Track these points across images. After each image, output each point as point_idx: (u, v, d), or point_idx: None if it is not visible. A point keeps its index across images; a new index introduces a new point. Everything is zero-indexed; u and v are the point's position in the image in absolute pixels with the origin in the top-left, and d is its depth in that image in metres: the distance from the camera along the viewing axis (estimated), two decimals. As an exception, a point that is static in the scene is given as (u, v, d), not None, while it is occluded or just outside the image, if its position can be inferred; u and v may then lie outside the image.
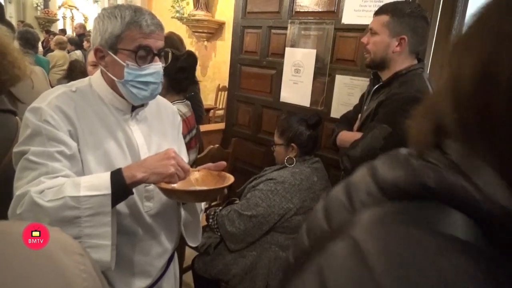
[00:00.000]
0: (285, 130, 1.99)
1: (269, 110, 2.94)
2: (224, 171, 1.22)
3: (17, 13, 9.95)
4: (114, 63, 1.09)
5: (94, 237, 0.95)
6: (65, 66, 5.27)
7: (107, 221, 0.96)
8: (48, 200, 0.93)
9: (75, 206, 0.93)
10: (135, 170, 1.01)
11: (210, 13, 6.25)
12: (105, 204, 0.96)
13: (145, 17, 1.07)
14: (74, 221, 0.93)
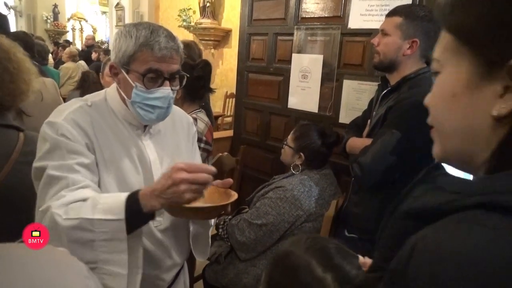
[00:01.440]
0: (301, 137, 1.97)
1: (277, 116, 2.93)
2: (231, 188, 1.21)
3: (27, 27, 10.13)
4: (125, 81, 1.09)
5: (110, 264, 0.92)
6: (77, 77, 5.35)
7: (123, 248, 0.93)
8: (65, 218, 0.92)
9: (90, 229, 0.91)
10: (152, 200, 0.95)
11: (216, 21, 6.30)
12: (120, 230, 0.92)
13: (159, 39, 1.04)
14: (89, 244, 0.91)
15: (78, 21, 12.74)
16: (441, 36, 0.52)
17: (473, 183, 0.45)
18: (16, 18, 10.32)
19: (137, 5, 8.27)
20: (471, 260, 0.37)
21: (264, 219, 1.83)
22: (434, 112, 0.54)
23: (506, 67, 0.43)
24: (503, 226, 0.38)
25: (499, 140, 0.46)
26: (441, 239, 0.40)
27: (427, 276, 0.39)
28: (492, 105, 0.45)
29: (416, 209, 0.48)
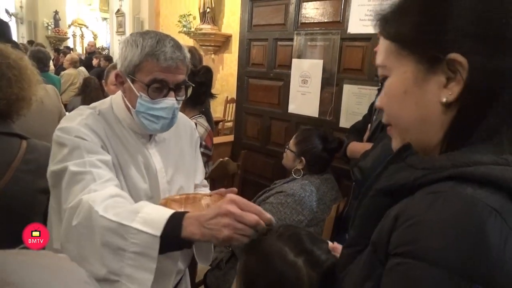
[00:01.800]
0: (303, 141, 1.97)
1: (278, 121, 2.93)
2: None
3: (28, 33, 10.19)
4: (130, 91, 1.08)
5: (133, 281, 0.85)
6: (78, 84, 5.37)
7: (151, 267, 0.85)
8: (102, 215, 0.86)
9: (123, 236, 0.85)
10: (195, 225, 0.85)
11: (216, 27, 6.33)
12: (152, 247, 0.84)
13: (165, 49, 1.03)
14: (119, 252, 0.85)
15: (79, 27, 12.81)
16: (380, 43, 0.59)
17: (440, 160, 0.51)
18: (17, 25, 10.37)
19: (138, 11, 8.32)
20: (451, 226, 0.42)
21: (265, 224, 1.82)
22: (389, 111, 0.60)
23: (445, 61, 0.51)
24: (475, 194, 0.43)
25: (450, 123, 0.53)
26: (419, 210, 0.45)
27: (411, 242, 0.44)
28: (439, 94, 0.52)
29: (391, 186, 0.54)
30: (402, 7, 0.57)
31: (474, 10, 0.50)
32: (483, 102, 0.50)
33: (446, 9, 0.51)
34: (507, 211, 0.42)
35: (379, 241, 0.49)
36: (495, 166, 0.45)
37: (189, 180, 1.30)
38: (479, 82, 0.50)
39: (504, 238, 0.40)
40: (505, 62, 0.49)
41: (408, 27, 0.55)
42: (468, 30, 0.50)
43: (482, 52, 0.49)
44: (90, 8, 14.07)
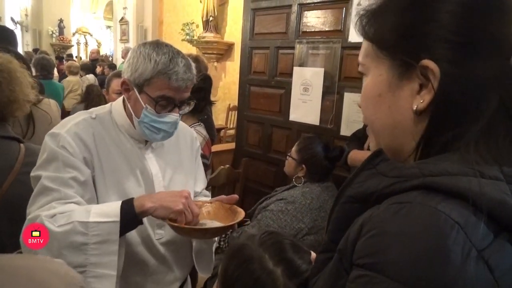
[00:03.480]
0: (304, 149, 1.97)
1: (279, 129, 2.94)
2: (236, 204, 1.21)
3: (33, 41, 10.29)
4: (136, 100, 1.11)
5: (100, 266, 0.93)
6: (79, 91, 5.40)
7: (114, 249, 0.95)
8: (58, 225, 0.93)
9: (84, 232, 0.92)
10: (145, 200, 1.00)
11: (219, 35, 6.37)
12: (113, 232, 0.94)
13: (178, 69, 1.05)
14: (81, 247, 0.92)
15: (83, 35, 12.93)
16: (363, 41, 0.59)
17: (409, 168, 0.49)
18: (22, 32, 10.49)
19: (141, 19, 8.39)
20: (412, 240, 0.40)
21: (265, 231, 1.82)
22: (364, 112, 0.60)
23: (418, 68, 0.50)
24: (439, 206, 0.41)
25: (421, 132, 0.52)
26: (383, 220, 0.44)
27: (374, 254, 0.43)
28: (411, 101, 0.52)
29: (361, 193, 0.53)
30: (382, 8, 0.56)
31: (452, 16, 0.49)
32: (455, 111, 0.49)
33: (422, 14, 0.51)
34: (471, 226, 0.40)
35: (344, 249, 0.49)
36: (463, 177, 0.43)
37: (187, 187, 1.31)
38: (451, 91, 0.49)
39: (466, 254, 0.38)
40: (478, 72, 0.48)
41: (385, 30, 0.54)
42: (443, 37, 0.49)
43: (456, 60, 0.48)
44: (94, 17, 14.21)
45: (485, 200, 0.40)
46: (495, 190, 0.41)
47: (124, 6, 8.58)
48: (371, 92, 0.57)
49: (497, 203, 0.41)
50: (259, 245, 0.81)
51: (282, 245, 0.81)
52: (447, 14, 0.49)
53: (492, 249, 0.39)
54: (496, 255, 0.39)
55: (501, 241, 0.40)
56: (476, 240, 0.39)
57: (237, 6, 5.60)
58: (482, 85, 0.48)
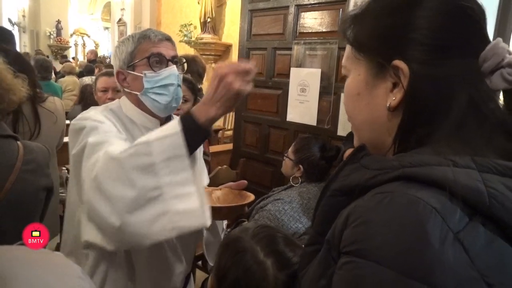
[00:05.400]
0: (300, 149, 1.98)
1: (276, 130, 2.95)
2: None
3: (30, 42, 10.27)
4: (134, 79, 1.16)
5: (175, 186, 0.86)
6: (75, 91, 5.40)
7: (184, 165, 0.86)
8: (120, 152, 0.89)
9: (147, 152, 0.86)
10: (205, 109, 0.89)
11: (217, 36, 6.38)
12: (178, 145, 0.86)
13: (152, 31, 1.18)
14: (149, 169, 0.85)
15: (80, 36, 12.92)
16: (346, 47, 0.64)
17: (390, 160, 0.53)
18: (20, 34, 10.47)
19: (139, 21, 8.40)
20: (394, 225, 0.43)
21: (262, 231, 1.83)
22: (347, 109, 0.65)
23: (390, 68, 0.54)
24: (418, 194, 0.44)
25: (396, 128, 0.56)
26: (367, 209, 0.47)
27: (359, 241, 0.45)
28: (386, 99, 0.56)
29: (346, 186, 0.56)
30: (362, 14, 0.61)
31: (424, 21, 0.53)
32: (426, 108, 0.53)
33: (397, 19, 0.55)
34: (447, 210, 0.43)
35: (332, 240, 0.51)
36: (439, 166, 0.46)
37: (200, 179, 1.35)
38: (421, 89, 0.52)
39: (443, 236, 0.41)
40: (448, 71, 0.52)
41: (363, 34, 0.59)
42: (415, 40, 0.53)
43: (426, 61, 0.52)
44: (92, 18, 14.20)
45: (460, 187, 0.44)
46: (468, 177, 0.45)
47: (122, 8, 8.60)
48: (351, 91, 0.62)
49: (470, 189, 0.44)
50: (252, 237, 0.82)
51: (274, 238, 0.83)
52: (420, 19, 0.54)
53: (466, 231, 0.42)
54: (470, 237, 0.42)
55: (475, 223, 0.43)
56: (452, 223, 0.42)
57: (235, 7, 5.62)
58: (452, 83, 0.52)
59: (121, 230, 0.85)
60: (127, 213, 0.84)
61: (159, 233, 0.85)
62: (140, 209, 0.84)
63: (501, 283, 0.41)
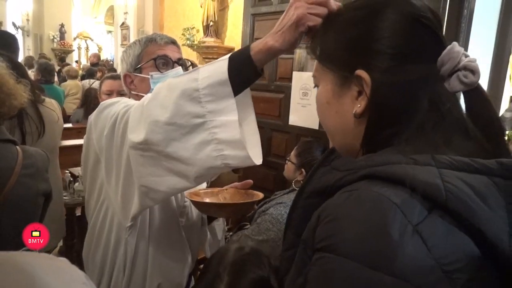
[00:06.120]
0: (303, 153, 1.99)
1: (279, 133, 2.96)
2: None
3: (34, 46, 10.33)
4: (141, 81, 1.21)
5: (218, 113, 0.82)
6: (78, 94, 5.43)
7: (227, 91, 0.81)
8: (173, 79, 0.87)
9: (195, 78, 0.83)
10: (265, 39, 0.80)
11: (219, 40, 6.40)
12: (222, 71, 0.80)
13: (158, 35, 1.25)
14: (194, 95, 0.82)
15: (84, 40, 12.98)
16: None
17: (358, 161, 0.57)
18: (24, 37, 10.53)
19: (142, 24, 8.44)
20: (359, 221, 0.47)
21: (265, 235, 1.83)
22: (319, 117, 0.69)
23: (354, 77, 0.58)
24: (381, 191, 0.48)
25: (362, 134, 0.60)
26: (335, 207, 0.50)
27: (328, 237, 0.48)
28: (352, 106, 0.60)
29: (318, 188, 0.60)
30: (326, 28, 0.66)
31: (385, 32, 0.57)
32: (388, 113, 0.57)
33: (358, 32, 0.59)
34: (407, 205, 0.46)
35: (307, 239, 0.54)
36: (400, 165, 0.50)
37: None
38: (381, 96, 0.56)
39: (403, 229, 0.44)
40: (408, 77, 0.56)
41: (327, 46, 0.64)
42: (376, 50, 0.57)
43: (387, 69, 0.56)
44: (95, 21, 14.27)
45: (419, 183, 0.47)
46: (427, 174, 0.48)
47: (125, 11, 8.64)
48: (321, 100, 0.66)
49: (429, 185, 0.47)
50: (226, 264, 0.84)
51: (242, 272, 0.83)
52: (378, 30, 0.57)
53: (425, 224, 0.45)
54: (428, 229, 0.45)
55: (433, 216, 0.46)
56: (412, 217, 0.45)
57: (237, 11, 5.64)
58: (412, 88, 0.56)
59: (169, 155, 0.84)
60: (172, 140, 0.83)
61: (205, 161, 0.83)
62: (188, 135, 0.83)
63: (457, 270, 0.44)
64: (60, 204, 2.24)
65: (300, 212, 0.64)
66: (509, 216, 0.47)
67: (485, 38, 2.25)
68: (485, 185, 0.48)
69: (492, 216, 0.46)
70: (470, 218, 0.45)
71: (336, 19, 0.65)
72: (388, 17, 0.57)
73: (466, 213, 0.45)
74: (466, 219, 0.46)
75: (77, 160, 1.42)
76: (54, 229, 2.09)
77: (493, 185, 0.48)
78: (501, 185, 0.48)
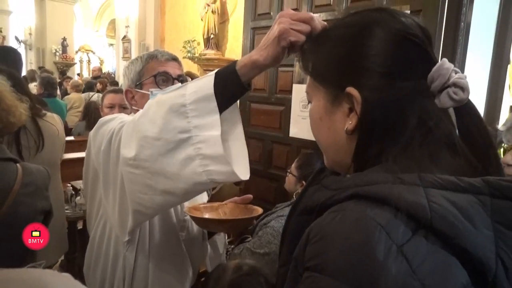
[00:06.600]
0: (303, 165, 1.99)
1: (279, 145, 2.97)
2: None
3: (36, 59, 10.42)
4: (141, 97, 1.22)
5: (203, 128, 0.82)
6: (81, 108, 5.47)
7: (213, 106, 0.81)
8: (164, 94, 0.89)
9: (182, 94, 0.84)
10: (249, 54, 0.82)
11: (220, 52, 6.46)
12: (208, 86, 0.81)
13: (159, 51, 1.26)
14: (181, 110, 0.83)
15: (86, 53, 13.09)
16: None
17: (346, 180, 0.57)
18: (26, 51, 10.64)
19: (143, 37, 8.52)
20: (345, 241, 0.47)
21: (266, 248, 1.83)
22: (313, 133, 0.69)
23: (345, 94, 0.59)
24: (366, 211, 0.48)
25: (353, 150, 0.60)
26: (323, 227, 0.51)
27: (316, 256, 0.49)
28: (344, 123, 0.60)
29: (309, 206, 0.60)
30: (317, 45, 0.66)
31: (374, 50, 0.58)
32: (378, 130, 0.57)
33: (348, 49, 0.60)
34: (392, 226, 0.46)
35: (298, 257, 0.54)
36: (386, 184, 0.50)
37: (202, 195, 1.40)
38: (373, 113, 0.57)
39: (387, 250, 0.44)
40: (397, 93, 0.57)
41: (319, 63, 0.64)
42: (366, 67, 0.58)
43: (377, 87, 0.57)
44: (97, 34, 14.42)
45: (403, 203, 0.47)
46: (412, 194, 0.48)
47: (126, 25, 8.72)
48: (314, 116, 0.67)
49: (414, 205, 0.47)
50: (223, 285, 0.86)
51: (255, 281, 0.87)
52: (368, 48, 0.58)
53: (410, 245, 0.45)
54: (413, 250, 0.45)
55: (418, 237, 0.46)
56: (396, 237, 0.45)
57: (238, 24, 5.70)
58: (401, 105, 0.57)
59: (156, 172, 0.86)
60: (159, 156, 0.84)
61: (190, 176, 0.84)
62: (174, 150, 0.83)
63: None
64: (62, 219, 2.24)
65: (293, 229, 0.65)
66: (495, 235, 0.47)
67: (482, 49, 2.27)
68: (471, 204, 0.48)
69: (478, 235, 0.46)
70: (456, 238, 0.46)
71: (326, 37, 0.66)
72: (377, 35, 0.58)
73: (452, 233, 0.46)
74: (451, 239, 0.46)
75: (79, 173, 1.42)
76: (55, 243, 2.08)
77: (479, 204, 0.48)
78: (487, 203, 0.48)
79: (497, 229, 0.48)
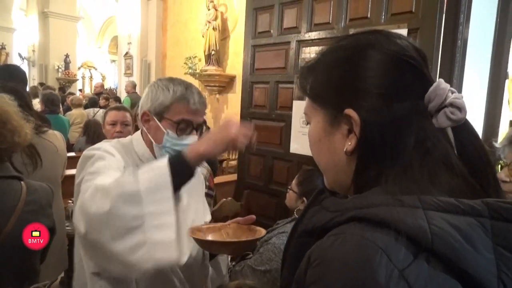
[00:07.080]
0: (304, 182, 1.99)
1: (280, 161, 2.98)
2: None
3: (39, 76, 10.50)
4: (156, 128, 1.20)
5: (157, 216, 0.88)
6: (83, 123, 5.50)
7: (168, 195, 0.89)
8: (109, 181, 0.93)
9: (133, 180, 0.90)
10: (196, 147, 0.97)
11: (221, 68, 6.53)
12: (163, 176, 0.90)
13: (194, 95, 1.19)
14: (134, 196, 0.88)
15: (88, 69, 13.21)
16: None
17: (346, 202, 0.57)
18: (29, 67, 10.73)
19: (145, 54, 8.61)
20: (345, 265, 0.47)
21: (267, 265, 1.82)
22: (312, 154, 0.69)
23: (343, 116, 0.59)
24: (367, 234, 0.48)
25: (353, 171, 0.60)
26: (324, 250, 0.51)
27: (317, 280, 0.49)
28: (343, 144, 0.60)
29: (310, 228, 0.60)
30: (315, 66, 0.66)
31: (372, 72, 0.58)
32: (377, 151, 0.58)
33: (346, 71, 0.61)
34: (392, 249, 0.46)
35: (299, 279, 0.54)
36: (386, 207, 0.50)
37: (201, 215, 1.38)
38: (370, 135, 0.57)
39: (389, 274, 0.44)
40: (395, 114, 0.57)
41: (317, 85, 0.65)
42: (364, 89, 0.58)
43: (375, 108, 0.57)
44: (100, 51, 14.58)
45: (404, 226, 0.47)
46: (413, 216, 0.48)
47: (128, 41, 8.83)
48: (313, 137, 0.66)
49: (414, 228, 0.47)
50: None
51: None
52: (365, 70, 0.59)
53: (411, 269, 0.45)
54: (415, 273, 0.45)
55: (419, 261, 0.46)
56: (397, 261, 0.45)
57: (238, 40, 5.77)
58: (399, 126, 0.57)
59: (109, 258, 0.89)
60: (111, 241, 0.87)
61: (137, 264, 0.87)
62: (122, 237, 0.87)
63: None
64: (62, 236, 2.23)
65: (294, 251, 0.65)
66: (496, 257, 0.47)
67: (480, 65, 2.30)
68: (472, 226, 0.48)
69: (479, 258, 0.46)
70: (457, 261, 0.45)
71: (325, 58, 0.66)
72: (373, 57, 0.59)
73: (453, 256, 0.45)
74: (452, 262, 0.46)
75: (79, 189, 1.43)
76: (55, 260, 2.07)
77: (479, 226, 0.48)
78: (488, 226, 0.48)
79: (499, 251, 0.48)
